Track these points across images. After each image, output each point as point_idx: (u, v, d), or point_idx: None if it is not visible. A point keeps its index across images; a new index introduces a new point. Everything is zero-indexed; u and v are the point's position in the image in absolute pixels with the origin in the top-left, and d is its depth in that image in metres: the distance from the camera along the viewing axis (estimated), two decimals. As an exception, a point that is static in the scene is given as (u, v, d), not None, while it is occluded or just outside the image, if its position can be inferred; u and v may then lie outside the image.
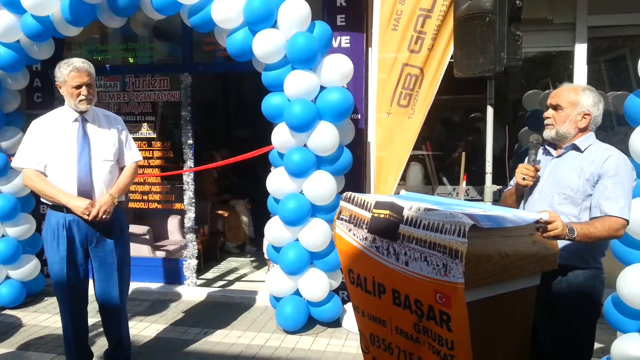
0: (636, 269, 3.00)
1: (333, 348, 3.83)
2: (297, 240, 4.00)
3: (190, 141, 4.92)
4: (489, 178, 3.54)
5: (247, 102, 7.53)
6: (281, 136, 3.89)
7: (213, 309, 4.66)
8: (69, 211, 3.05)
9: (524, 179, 2.40)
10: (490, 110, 3.53)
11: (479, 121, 5.06)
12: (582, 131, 2.39)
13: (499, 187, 3.55)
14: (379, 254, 2.08)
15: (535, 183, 2.42)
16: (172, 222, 5.59)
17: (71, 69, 3.05)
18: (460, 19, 3.45)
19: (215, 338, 4.03)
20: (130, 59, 5.32)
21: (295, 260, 3.94)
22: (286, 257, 3.95)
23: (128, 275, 3.36)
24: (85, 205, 3.00)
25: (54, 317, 4.37)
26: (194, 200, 4.98)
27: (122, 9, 4.03)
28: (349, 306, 4.17)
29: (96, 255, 3.19)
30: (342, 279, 4.04)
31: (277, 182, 3.97)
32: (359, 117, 4.41)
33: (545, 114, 2.45)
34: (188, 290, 5.03)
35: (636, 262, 3.04)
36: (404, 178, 4.73)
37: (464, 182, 4.37)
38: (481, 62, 3.27)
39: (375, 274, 2.15)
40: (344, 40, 4.38)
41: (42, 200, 3.19)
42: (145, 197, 5.27)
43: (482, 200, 3.67)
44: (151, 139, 5.20)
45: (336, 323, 4.22)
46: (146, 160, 5.17)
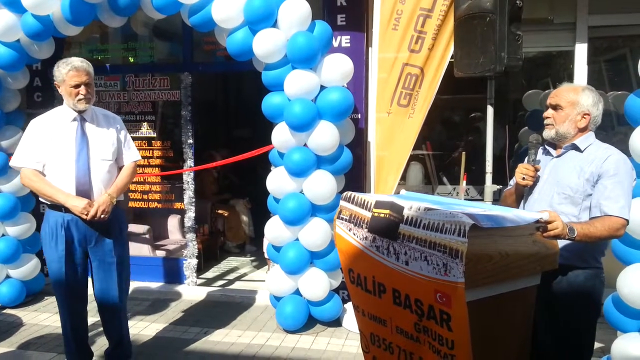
0: (636, 268, 3.00)
1: (333, 347, 3.84)
2: (297, 239, 4.00)
3: (191, 140, 4.92)
4: (489, 178, 3.54)
5: (247, 101, 7.52)
6: (281, 136, 3.89)
7: (213, 308, 4.66)
8: (67, 211, 3.04)
9: (523, 178, 2.40)
10: (491, 110, 3.54)
11: (479, 121, 5.06)
12: (582, 131, 2.39)
13: (499, 186, 3.55)
14: (379, 254, 2.08)
15: (535, 183, 2.42)
16: (172, 222, 5.59)
17: (70, 68, 3.04)
18: (461, 19, 3.45)
19: (215, 337, 4.03)
20: (130, 58, 5.31)
21: (295, 259, 3.94)
22: (286, 257, 3.96)
23: (127, 274, 3.36)
24: (84, 205, 3.00)
25: (54, 316, 4.37)
26: (194, 200, 4.98)
27: (123, 9, 4.03)
28: (349, 305, 4.17)
29: (95, 254, 3.19)
30: (342, 278, 4.04)
31: (277, 181, 3.97)
32: (359, 116, 4.41)
33: (545, 114, 2.45)
34: (188, 289, 5.03)
35: (636, 262, 3.04)
36: (404, 178, 4.73)
37: (464, 182, 4.37)
38: (481, 61, 3.27)
39: (376, 274, 2.16)
40: (344, 40, 4.38)
41: (41, 199, 3.19)
42: (145, 197, 5.27)
43: (482, 200, 3.67)
44: (151, 139, 5.20)
45: (336, 322, 4.22)
46: (146, 160, 5.17)
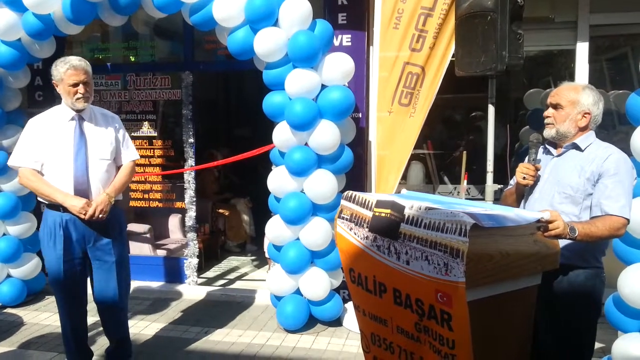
0: (637, 268, 3.00)
1: (334, 347, 3.83)
2: (298, 239, 4.00)
3: (191, 140, 4.92)
4: (490, 177, 3.53)
5: (248, 100, 7.53)
6: (282, 135, 3.88)
7: (214, 307, 4.66)
8: (65, 210, 3.03)
9: (524, 178, 2.39)
10: (492, 109, 3.53)
11: (480, 120, 5.05)
12: (582, 130, 2.38)
13: (500, 186, 3.54)
14: (380, 253, 2.08)
15: (535, 182, 2.42)
16: (173, 221, 5.59)
17: (68, 67, 3.03)
18: (462, 18, 3.45)
19: (216, 337, 4.03)
20: (131, 57, 5.31)
21: (296, 259, 3.94)
22: (287, 256, 3.95)
23: (127, 274, 3.35)
24: (82, 205, 2.99)
25: (54, 315, 4.36)
26: (194, 199, 4.98)
27: (123, 8, 4.03)
28: (349, 305, 4.17)
29: (94, 254, 3.18)
30: (343, 278, 4.05)
31: (278, 180, 3.96)
32: (360, 115, 4.41)
33: (546, 113, 2.45)
34: (189, 289, 5.03)
35: (637, 262, 3.04)
36: (405, 177, 4.72)
37: (465, 181, 4.37)
38: (482, 60, 3.27)
39: (376, 273, 2.15)
40: (345, 39, 4.38)
41: (39, 199, 3.18)
42: (146, 196, 5.27)
43: (483, 199, 3.67)
44: (152, 138, 5.20)
45: (337, 322, 4.22)
46: (147, 159, 5.17)
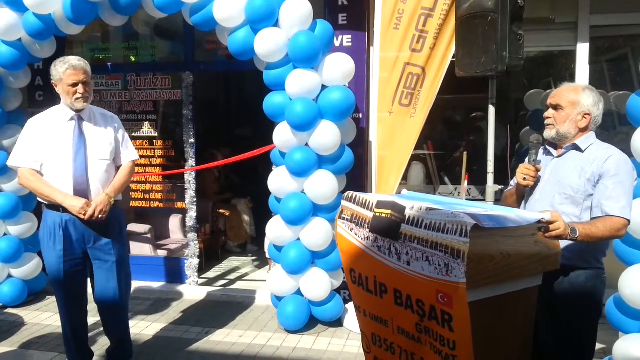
0: (638, 269, 3.00)
1: (335, 348, 3.83)
2: (298, 239, 4.00)
3: (192, 140, 4.92)
4: (490, 178, 3.53)
5: (249, 101, 7.53)
6: (283, 135, 3.88)
7: (214, 308, 4.66)
8: (65, 210, 3.03)
9: (524, 179, 2.39)
10: (492, 110, 3.53)
11: (480, 121, 5.05)
12: (583, 131, 2.38)
13: (500, 186, 3.54)
14: (381, 254, 2.08)
15: (536, 183, 2.41)
16: (174, 221, 5.59)
17: (67, 67, 3.03)
18: (462, 18, 3.44)
19: (216, 337, 4.03)
20: (131, 57, 5.31)
21: (296, 259, 3.93)
22: (288, 257, 3.95)
23: (128, 274, 3.35)
24: (81, 205, 2.99)
25: (55, 315, 4.34)
26: (195, 199, 4.98)
27: (124, 8, 4.03)
28: (350, 306, 4.17)
29: (94, 254, 3.18)
30: (344, 278, 4.05)
31: (279, 181, 3.96)
32: (361, 116, 4.41)
33: (546, 114, 2.45)
34: (189, 289, 5.03)
35: (638, 263, 3.04)
36: (405, 177, 4.72)
37: (466, 182, 4.37)
38: (483, 61, 3.27)
39: (377, 274, 2.15)
40: (346, 39, 4.38)
41: (39, 199, 3.17)
42: (146, 196, 5.27)
43: (484, 200, 3.66)
44: (153, 138, 5.20)
45: (338, 323, 4.21)
46: (148, 159, 5.17)
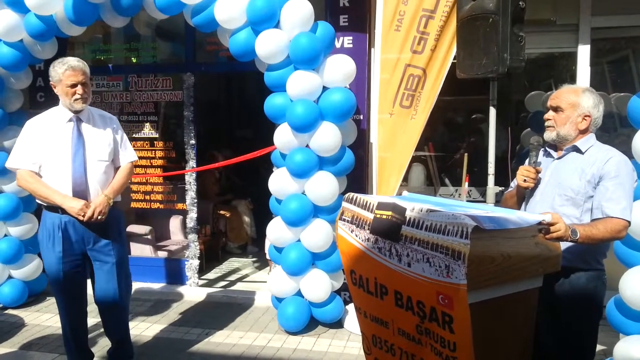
0: (638, 270, 2.99)
1: (335, 349, 3.83)
2: (299, 240, 3.99)
3: (193, 141, 4.92)
4: (491, 179, 3.54)
5: (250, 102, 7.54)
6: (283, 136, 3.89)
7: (215, 309, 4.66)
8: (64, 212, 3.03)
9: (525, 180, 2.39)
10: (493, 112, 3.53)
11: (481, 122, 5.05)
12: (583, 133, 2.38)
13: (501, 188, 3.54)
14: (381, 255, 2.08)
15: (536, 185, 2.41)
16: (174, 222, 5.59)
17: (66, 68, 3.03)
18: (463, 20, 3.45)
19: (217, 339, 4.03)
20: (133, 58, 5.32)
21: (297, 260, 3.93)
22: (288, 258, 3.95)
23: (128, 275, 3.35)
24: (80, 206, 2.98)
25: (56, 316, 4.33)
26: (196, 201, 4.98)
27: (125, 9, 4.04)
28: (351, 307, 4.17)
29: (94, 256, 3.18)
30: (344, 279, 4.04)
31: (279, 182, 3.97)
32: (362, 117, 4.41)
33: (546, 116, 2.45)
34: (190, 290, 5.03)
35: (638, 264, 3.03)
36: (406, 179, 4.72)
37: (466, 183, 4.36)
38: (484, 63, 3.27)
39: (378, 275, 2.15)
40: (347, 41, 4.38)
41: (38, 201, 3.17)
42: (147, 197, 5.27)
43: (485, 202, 3.67)
44: (153, 139, 5.20)
45: (338, 324, 4.21)
46: (148, 160, 5.17)
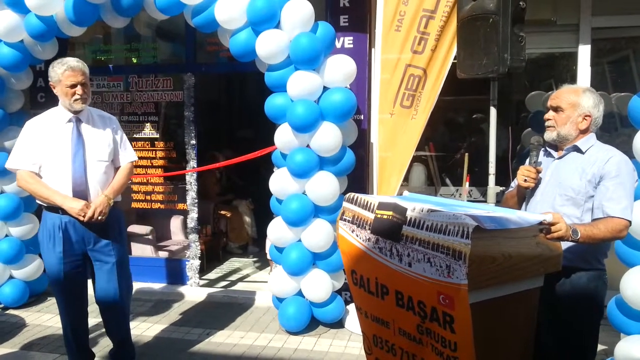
0: (639, 270, 2.99)
1: (336, 349, 3.83)
2: (299, 241, 4.00)
3: (193, 141, 4.92)
4: (492, 179, 3.54)
5: (250, 102, 7.54)
6: (284, 137, 3.89)
7: (215, 309, 4.66)
8: (64, 212, 3.03)
9: (525, 180, 2.39)
10: (494, 112, 3.53)
11: (481, 122, 5.06)
12: (583, 133, 2.38)
13: (502, 188, 3.54)
14: (382, 255, 2.08)
15: (536, 185, 2.42)
16: (175, 223, 5.59)
17: (65, 68, 3.03)
18: (464, 20, 3.45)
19: (218, 338, 4.03)
20: (133, 59, 5.32)
21: (298, 260, 3.93)
22: (289, 258, 3.95)
23: (128, 275, 3.35)
24: (80, 207, 2.99)
25: (57, 317, 4.31)
26: (196, 201, 4.98)
27: (126, 9, 4.04)
28: (351, 307, 4.17)
29: (94, 256, 3.18)
30: (345, 279, 4.05)
31: (280, 182, 3.97)
32: (362, 117, 4.41)
33: (546, 116, 2.45)
34: (191, 290, 5.03)
35: (639, 264, 3.03)
36: (406, 179, 4.73)
37: (467, 183, 4.37)
38: (484, 63, 3.27)
39: (379, 275, 2.15)
40: (347, 41, 4.38)
41: (38, 201, 3.17)
42: (148, 198, 5.27)
43: (485, 202, 3.67)
44: (154, 139, 5.20)
45: (339, 324, 4.21)
46: (149, 161, 5.18)
